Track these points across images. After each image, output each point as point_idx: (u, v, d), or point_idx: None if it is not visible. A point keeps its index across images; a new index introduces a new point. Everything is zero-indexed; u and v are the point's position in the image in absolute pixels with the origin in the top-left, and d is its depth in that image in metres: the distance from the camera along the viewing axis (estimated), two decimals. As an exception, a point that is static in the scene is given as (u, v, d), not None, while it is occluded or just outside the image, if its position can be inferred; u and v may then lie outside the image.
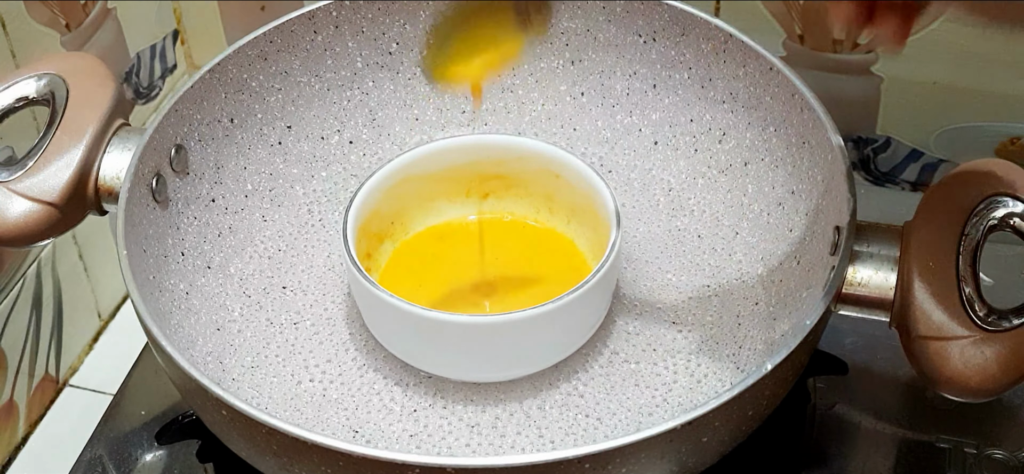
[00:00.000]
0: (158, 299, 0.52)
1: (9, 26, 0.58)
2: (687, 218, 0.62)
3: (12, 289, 0.60)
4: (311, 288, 0.59)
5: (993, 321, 0.45)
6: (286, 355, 0.56)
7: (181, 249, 0.56)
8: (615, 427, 0.52)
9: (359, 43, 0.63)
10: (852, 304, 0.48)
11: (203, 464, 0.55)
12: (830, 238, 0.50)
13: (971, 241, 0.46)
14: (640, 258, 0.60)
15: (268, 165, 0.62)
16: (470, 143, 0.59)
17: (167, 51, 0.76)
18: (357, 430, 0.52)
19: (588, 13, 0.63)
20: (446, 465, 0.40)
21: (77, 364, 0.66)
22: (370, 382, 0.54)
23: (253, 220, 0.61)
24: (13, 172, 0.52)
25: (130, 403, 0.58)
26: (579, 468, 0.41)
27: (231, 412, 0.43)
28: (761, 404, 0.45)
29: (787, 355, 0.44)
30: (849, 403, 0.56)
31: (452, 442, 0.52)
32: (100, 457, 0.55)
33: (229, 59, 0.58)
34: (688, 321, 0.57)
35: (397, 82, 0.65)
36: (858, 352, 0.58)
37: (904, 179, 0.71)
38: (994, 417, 0.55)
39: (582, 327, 0.53)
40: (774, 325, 0.54)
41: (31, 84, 0.54)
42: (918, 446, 0.54)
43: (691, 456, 0.44)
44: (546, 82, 0.65)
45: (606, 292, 0.54)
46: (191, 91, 0.57)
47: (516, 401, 0.53)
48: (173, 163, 0.56)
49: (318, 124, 0.64)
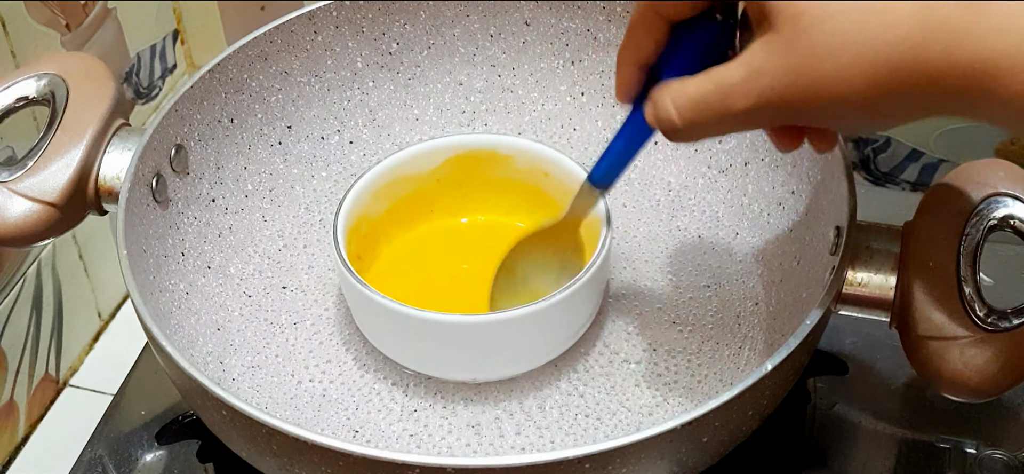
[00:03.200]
0: (158, 299, 0.52)
1: (9, 26, 0.58)
2: (687, 218, 0.62)
3: (12, 289, 0.60)
4: (311, 288, 0.59)
5: (993, 321, 0.45)
6: (286, 355, 0.56)
7: (181, 249, 0.56)
8: (615, 427, 0.52)
9: (359, 43, 0.63)
10: (852, 304, 0.48)
11: (203, 464, 0.55)
12: (830, 238, 0.50)
13: (971, 241, 0.46)
14: (640, 258, 0.60)
15: (268, 165, 0.62)
16: (459, 142, 0.59)
17: (167, 51, 0.76)
18: (357, 430, 0.52)
19: (588, 13, 0.63)
20: (446, 465, 0.40)
21: (77, 364, 0.66)
22: (370, 382, 0.54)
23: (253, 220, 0.61)
24: (13, 172, 0.52)
25: (130, 403, 0.58)
26: (579, 468, 0.41)
27: (231, 412, 0.43)
28: (761, 404, 0.45)
29: (787, 355, 0.44)
30: (849, 403, 0.56)
31: (452, 442, 0.52)
32: (100, 457, 0.55)
33: (229, 59, 0.58)
34: (688, 321, 0.56)
35: (397, 82, 0.65)
36: (858, 352, 0.58)
37: (904, 179, 0.71)
38: (994, 417, 0.55)
39: (572, 326, 0.53)
40: (774, 325, 0.54)
41: (31, 84, 0.54)
42: (918, 446, 0.54)
43: (691, 456, 0.44)
44: (546, 82, 0.65)
45: (597, 290, 0.54)
46: (191, 91, 0.57)
47: (516, 401, 0.53)
48: (173, 163, 0.56)
49: (318, 124, 0.64)
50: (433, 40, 0.64)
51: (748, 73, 0.37)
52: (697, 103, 0.39)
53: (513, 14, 0.64)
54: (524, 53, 0.65)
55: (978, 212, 0.47)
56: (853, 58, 0.35)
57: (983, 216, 0.47)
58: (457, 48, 0.65)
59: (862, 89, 0.35)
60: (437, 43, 0.64)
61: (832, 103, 0.36)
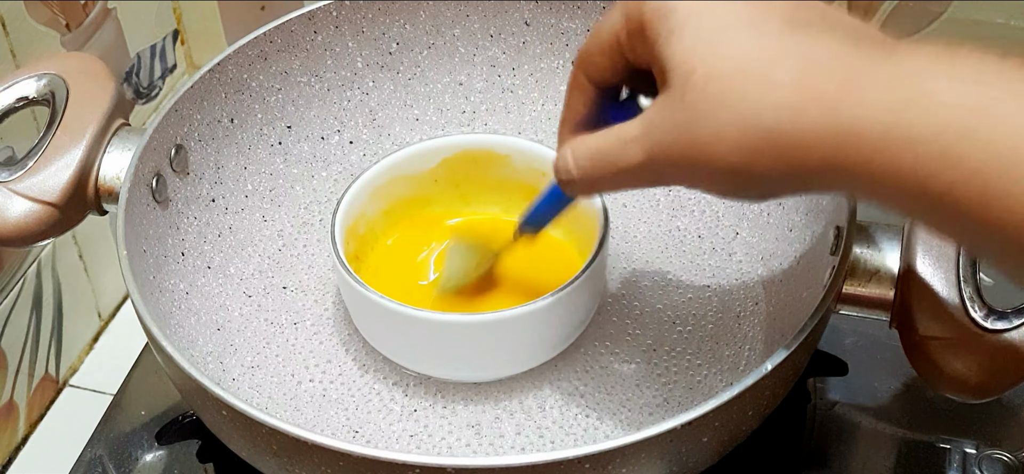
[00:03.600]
0: (158, 299, 0.52)
1: (9, 26, 0.58)
2: (687, 218, 0.62)
3: (12, 289, 0.60)
4: (311, 288, 0.59)
5: (993, 321, 0.45)
6: (286, 355, 0.56)
7: (181, 249, 0.56)
8: (615, 427, 0.52)
9: (359, 43, 0.63)
10: (852, 304, 0.48)
11: (203, 464, 0.55)
12: (830, 238, 0.50)
13: (971, 241, 0.46)
14: (640, 258, 0.60)
15: (268, 165, 0.62)
16: (456, 142, 0.59)
17: (167, 51, 0.76)
18: (357, 430, 0.52)
19: (588, 13, 0.63)
20: (446, 465, 0.40)
21: (77, 364, 0.66)
22: (370, 382, 0.54)
23: (253, 220, 0.61)
24: (13, 172, 0.52)
25: (130, 403, 0.58)
26: (579, 468, 0.41)
27: (231, 412, 0.43)
28: (761, 404, 0.45)
29: (787, 355, 0.43)
30: (849, 403, 0.56)
31: (452, 442, 0.52)
32: (100, 457, 0.55)
33: (229, 59, 0.58)
34: (688, 321, 0.56)
35: (397, 82, 0.65)
36: (858, 352, 0.58)
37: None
38: (994, 417, 0.55)
39: (571, 325, 0.53)
40: (774, 325, 0.54)
41: (31, 84, 0.54)
42: (918, 446, 0.54)
43: (691, 456, 0.44)
44: (546, 82, 0.65)
45: (595, 289, 0.54)
46: (191, 91, 0.57)
47: (516, 401, 0.53)
48: (173, 163, 0.56)
49: (318, 124, 0.64)
50: (433, 40, 0.64)
51: (644, 128, 0.38)
52: (594, 155, 0.41)
53: (513, 14, 0.64)
54: (524, 53, 0.65)
55: (978, 212, 0.47)
56: (731, 118, 0.36)
57: (983, 216, 0.47)
58: (457, 48, 0.65)
59: (737, 152, 0.36)
60: (437, 43, 0.64)
61: (709, 163, 0.37)
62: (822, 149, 0.34)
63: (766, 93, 0.35)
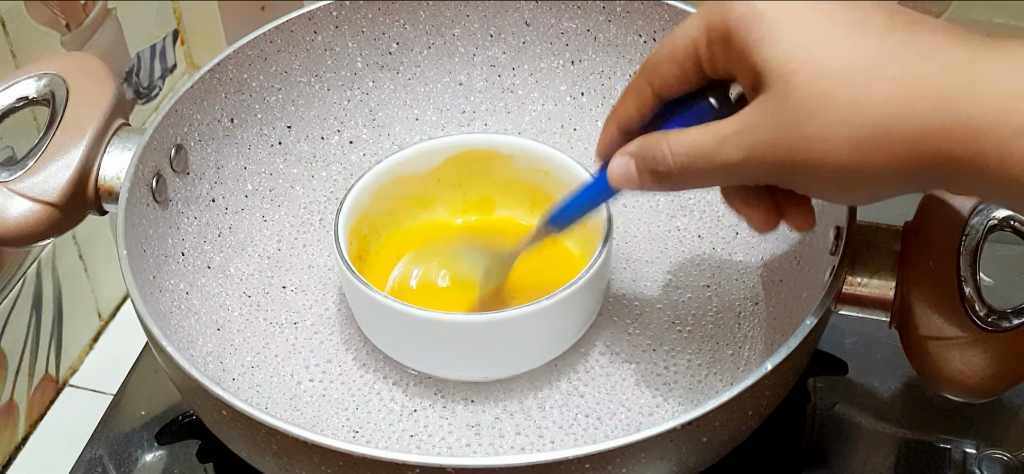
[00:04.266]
0: (158, 299, 0.52)
1: (9, 26, 0.58)
2: (687, 218, 0.62)
3: (12, 289, 0.60)
4: (311, 288, 0.59)
5: (993, 321, 0.45)
6: (286, 355, 0.56)
7: (181, 249, 0.56)
8: (615, 427, 0.52)
9: (359, 43, 0.63)
10: (852, 304, 0.48)
11: (203, 464, 0.55)
12: (830, 238, 0.50)
13: (971, 241, 0.46)
14: (640, 258, 0.60)
15: (268, 165, 0.62)
16: (459, 142, 0.59)
17: (167, 51, 0.76)
18: (357, 430, 0.52)
19: (588, 13, 0.63)
20: (446, 465, 0.40)
21: (77, 364, 0.66)
22: (370, 382, 0.54)
23: (253, 220, 0.61)
24: (13, 172, 0.52)
25: (130, 403, 0.58)
26: (579, 468, 0.41)
27: (231, 412, 0.43)
28: (761, 404, 0.45)
29: (787, 355, 0.43)
30: (849, 403, 0.56)
31: (452, 442, 0.52)
32: (100, 457, 0.55)
33: (229, 59, 0.58)
34: (688, 321, 0.56)
35: (397, 82, 0.65)
36: (858, 352, 0.58)
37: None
38: (994, 417, 0.55)
39: (572, 326, 0.53)
40: (774, 325, 0.54)
41: (31, 84, 0.54)
42: (918, 446, 0.54)
43: (691, 456, 0.44)
44: (546, 82, 0.65)
45: (597, 290, 0.54)
46: (191, 91, 0.57)
47: (516, 401, 0.53)
48: (173, 163, 0.56)
49: (318, 124, 0.64)
50: (433, 40, 0.64)
51: (741, 127, 0.38)
52: (691, 150, 0.40)
53: (513, 14, 0.64)
54: (524, 53, 0.65)
55: (978, 212, 0.47)
56: (838, 118, 0.35)
57: (983, 216, 0.47)
58: (457, 48, 0.65)
59: (846, 152, 0.36)
60: (437, 43, 0.64)
61: (815, 166, 0.37)
62: (935, 142, 0.34)
63: (875, 89, 0.35)
